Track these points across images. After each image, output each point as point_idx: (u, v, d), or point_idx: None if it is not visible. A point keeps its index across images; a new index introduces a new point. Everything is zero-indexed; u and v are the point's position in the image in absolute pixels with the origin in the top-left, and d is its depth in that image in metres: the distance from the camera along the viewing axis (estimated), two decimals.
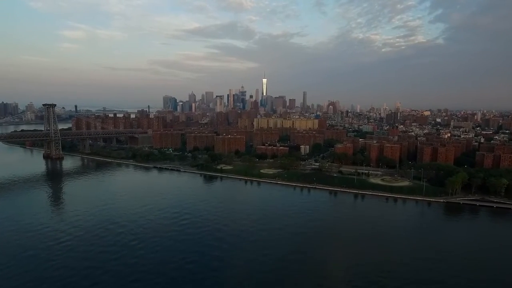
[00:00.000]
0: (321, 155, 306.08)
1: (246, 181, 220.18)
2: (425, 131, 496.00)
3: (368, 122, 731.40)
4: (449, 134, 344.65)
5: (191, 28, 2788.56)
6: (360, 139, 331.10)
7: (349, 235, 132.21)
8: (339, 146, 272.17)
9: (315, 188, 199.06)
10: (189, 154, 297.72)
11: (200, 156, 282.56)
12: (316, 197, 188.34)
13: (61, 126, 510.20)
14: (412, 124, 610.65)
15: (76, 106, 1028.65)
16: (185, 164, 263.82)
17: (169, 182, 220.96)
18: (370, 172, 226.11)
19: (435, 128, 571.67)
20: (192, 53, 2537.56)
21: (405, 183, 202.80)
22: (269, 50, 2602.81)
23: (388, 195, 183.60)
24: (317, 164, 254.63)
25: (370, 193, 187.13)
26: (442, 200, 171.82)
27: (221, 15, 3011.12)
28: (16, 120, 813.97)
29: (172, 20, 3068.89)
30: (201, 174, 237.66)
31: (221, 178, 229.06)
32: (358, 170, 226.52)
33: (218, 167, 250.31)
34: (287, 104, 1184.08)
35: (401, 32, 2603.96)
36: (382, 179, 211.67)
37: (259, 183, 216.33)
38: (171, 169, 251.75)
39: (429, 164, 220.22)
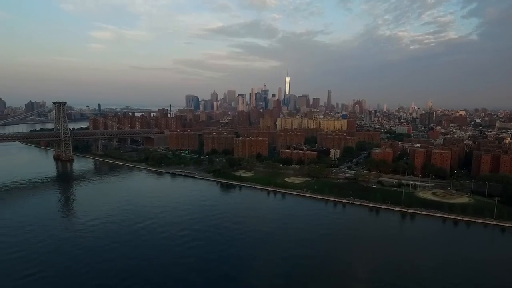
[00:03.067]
0: (354, 160, 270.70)
1: (268, 192, 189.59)
2: (468, 133, 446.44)
3: (399, 122, 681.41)
4: (509, 139, 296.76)
5: (215, 27, 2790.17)
6: (398, 143, 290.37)
7: (404, 274, 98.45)
8: (376, 151, 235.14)
9: (352, 203, 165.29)
10: (206, 158, 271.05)
11: (217, 160, 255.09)
12: (354, 215, 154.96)
13: (84, 125, 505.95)
14: (450, 125, 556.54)
15: (99, 105, 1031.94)
16: (201, 169, 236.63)
17: (181, 191, 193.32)
18: (417, 183, 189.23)
19: (477, 129, 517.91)
20: (216, 52, 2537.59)
21: (464, 199, 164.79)
22: (292, 48, 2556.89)
23: (445, 216, 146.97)
24: (352, 172, 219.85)
25: (423, 212, 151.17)
26: None
27: (244, 13, 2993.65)
28: (42, 118, 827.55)
29: (196, 19, 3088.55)
30: (217, 182, 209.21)
31: (240, 187, 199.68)
32: (403, 181, 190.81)
33: (237, 173, 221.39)
34: (311, 103, 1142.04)
35: (431, 28, 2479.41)
36: (434, 193, 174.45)
37: (283, 194, 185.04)
38: (185, 175, 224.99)
39: (496, 175, 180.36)
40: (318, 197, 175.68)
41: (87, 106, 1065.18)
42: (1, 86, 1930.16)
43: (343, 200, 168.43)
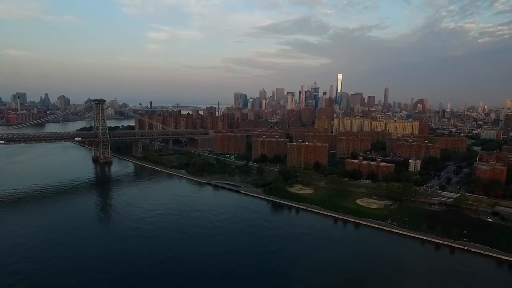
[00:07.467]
0: (442, 175, 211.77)
1: (336, 220, 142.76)
2: None
3: (477, 124, 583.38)
4: None
5: (264, 25, 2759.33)
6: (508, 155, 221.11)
7: None
8: (483, 167, 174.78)
9: (468, 250, 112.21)
10: (255, 165, 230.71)
11: (268, 169, 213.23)
12: (475, 272, 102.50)
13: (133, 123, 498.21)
14: None
15: (151, 102, 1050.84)
16: (248, 181, 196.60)
17: (222, 212, 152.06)
18: None
19: None
20: (264, 50, 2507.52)
21: None
22: (343, 45, 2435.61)
23: None
24: (450, 195, 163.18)
25: None
26: None
27: (294, 10, 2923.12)
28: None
29: (247, 17, 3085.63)
30: (268, 201, 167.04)
31: (297, 209, 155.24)
32: None
33: (293, 189, 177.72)
34: (365, 101, 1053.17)
35: (506, 17, 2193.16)
36: None
37: (357, 225, 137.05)
38: (229, 189, 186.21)
39: None
40: (410, 234, 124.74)
41: (140, 104, 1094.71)
42: (68, 85, 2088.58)
43: (452, 244, 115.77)
